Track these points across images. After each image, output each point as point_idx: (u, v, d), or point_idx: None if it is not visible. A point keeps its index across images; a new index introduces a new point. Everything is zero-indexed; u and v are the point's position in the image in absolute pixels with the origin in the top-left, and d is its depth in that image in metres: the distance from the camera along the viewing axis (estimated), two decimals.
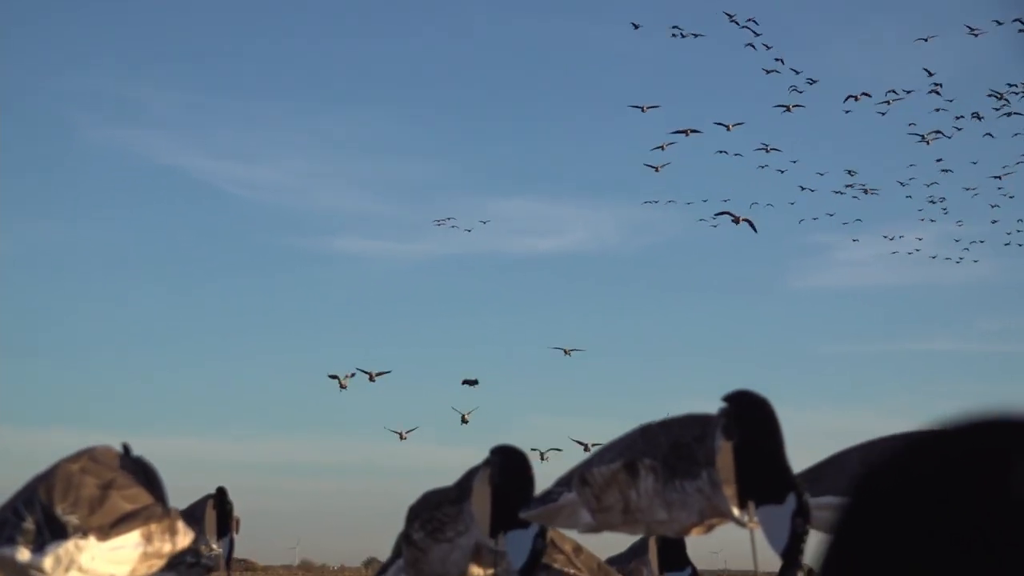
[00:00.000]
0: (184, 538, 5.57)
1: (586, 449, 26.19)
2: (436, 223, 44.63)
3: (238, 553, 9.24)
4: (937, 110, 36.33)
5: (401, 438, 27.02)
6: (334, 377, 27.00)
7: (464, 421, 27.44)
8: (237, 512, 9.25)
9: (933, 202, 41.45)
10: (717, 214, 29.79)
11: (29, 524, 5.20)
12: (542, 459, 25.56)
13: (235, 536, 9.11)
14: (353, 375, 27.18)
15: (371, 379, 26.88)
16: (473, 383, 27.20)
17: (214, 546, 9.17)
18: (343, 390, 27.26)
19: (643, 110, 33.13)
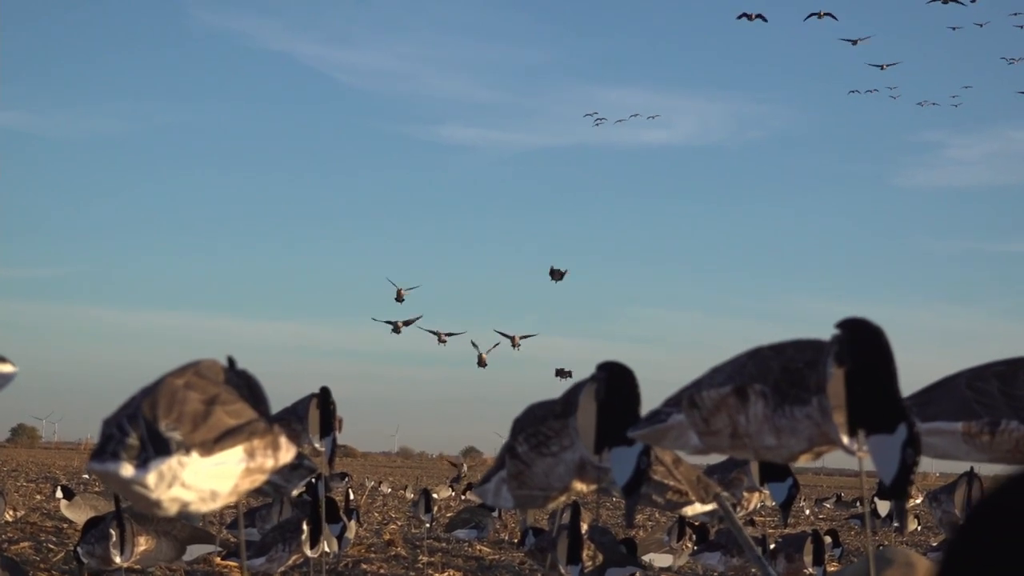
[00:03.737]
0: (287, 453, 5.55)
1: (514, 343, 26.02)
2: (588, 116, 44.37)
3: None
4: None
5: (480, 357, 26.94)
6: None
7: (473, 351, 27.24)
8: (340, 411, 9.28)
9: None
10: None
11: (133, 440, 5.20)
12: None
13: (338, 435, 9.14)
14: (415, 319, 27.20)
15: (441, 340, 26.77)
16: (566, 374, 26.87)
17: (316, 445, 9.19)
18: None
19: (750, 18, 32.60)
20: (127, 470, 5.12)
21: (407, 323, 26.60)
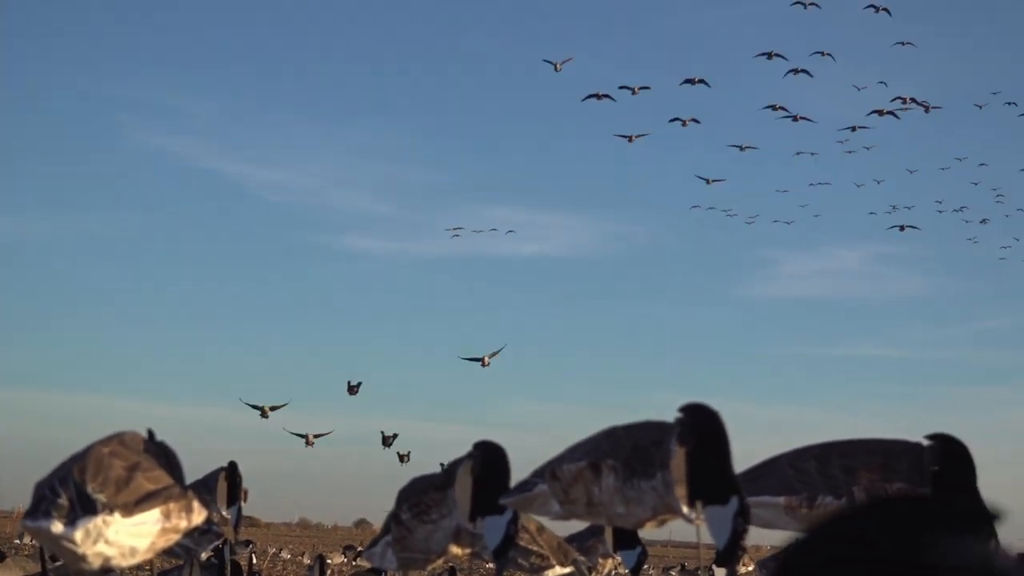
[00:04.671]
0: (199, 515, 6.22)
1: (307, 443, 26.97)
2: (449, 232, 45.80)
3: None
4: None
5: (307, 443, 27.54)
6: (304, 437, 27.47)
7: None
8: (246, 484, 9.86)
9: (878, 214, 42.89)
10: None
11: (63, 500, 5.84)
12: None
13: (243, 505, 9.69)
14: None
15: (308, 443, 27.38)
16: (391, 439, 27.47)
17: (224, 513, 9.76)
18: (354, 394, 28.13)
19: (693, 83, 33.19)
20: (57, 527, 5.80)
21: (274, 408, 27.26)
